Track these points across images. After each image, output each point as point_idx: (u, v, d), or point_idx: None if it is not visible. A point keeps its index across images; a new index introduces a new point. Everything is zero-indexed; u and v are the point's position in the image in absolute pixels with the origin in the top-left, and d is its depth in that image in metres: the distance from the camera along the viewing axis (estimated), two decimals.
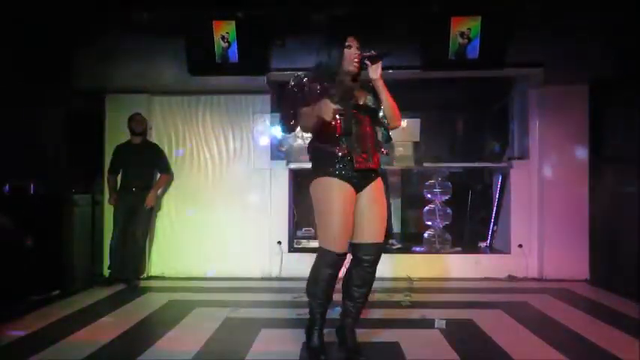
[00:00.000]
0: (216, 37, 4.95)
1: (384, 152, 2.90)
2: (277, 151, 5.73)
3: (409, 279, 5.07)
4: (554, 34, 5.01)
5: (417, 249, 5.74)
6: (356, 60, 2.72)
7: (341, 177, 2.69)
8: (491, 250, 5.85)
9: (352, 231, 2.75)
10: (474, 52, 4.90)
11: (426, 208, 5.86)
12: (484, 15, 4.82)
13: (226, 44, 4.99)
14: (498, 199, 5.88)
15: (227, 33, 4.95)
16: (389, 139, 2.92)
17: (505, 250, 5.57)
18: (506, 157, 5.87)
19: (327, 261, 2.70)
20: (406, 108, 6.32)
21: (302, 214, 5.97)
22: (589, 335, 3.33)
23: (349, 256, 2.81)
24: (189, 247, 5.51)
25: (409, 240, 6.17)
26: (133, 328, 3.58)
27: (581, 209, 5.22)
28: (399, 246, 5.88)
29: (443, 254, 5.56)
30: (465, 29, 4.87)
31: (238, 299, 4.41)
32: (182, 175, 5.57)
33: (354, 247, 2.80)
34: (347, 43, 2.73)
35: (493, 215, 5.91)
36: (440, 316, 3.66)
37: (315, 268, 2.77)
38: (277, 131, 5.64)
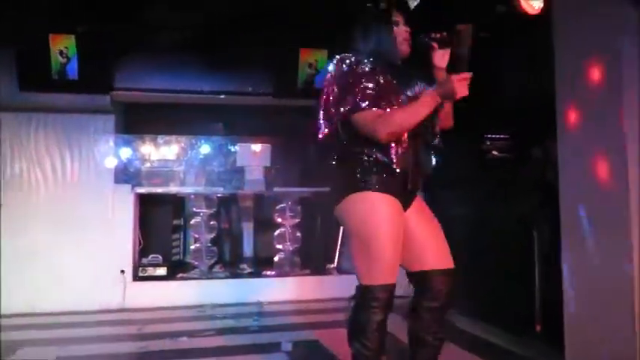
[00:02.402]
0: (53, 52, 4.61)
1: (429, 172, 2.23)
2: (122, 175, 5.43)
3: (259, 303, 5.08)
4: None
5: (268, 273, 5.78)
6: (407, 40, 2.16)
7: (388, 191, 2.05)
8: (339, 271, 6.09)
9: (407, 259, 2.16)
10: (321, 83, 5.14)
11: (277, 231, 5.94)
12: (329, 48, 5.12)
13: (65, 59, 4.67)
14: None
15: (66, 48, 4.64)
16: (441, 148, 2.22)
17: (351, 271, 5.81)
18: None
19: (378, 299, 2.04)
20: (258, 134, 6.50)
21: (149, 240, 5.69)
22: None
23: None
24: (16, 278, 4.92)
25: (260, 264, 6.19)
26: None
27: None
28: (250, 270, 5.87)
29: (292, 277, 5.66)
30: (313, 60, 5.13)
31: (73, 335, 4.05)
32: (9, 199, 5.00)
33: (419, 279, 2.19)
34: (394, 19, 2.17)
35: (340, 237, 6.18)
36: (287, 339, 3.71)
37: (359, 315, 2.10)
38: (124, 153, 5.36)
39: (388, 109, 2.01)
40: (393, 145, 2.03)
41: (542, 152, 4.07)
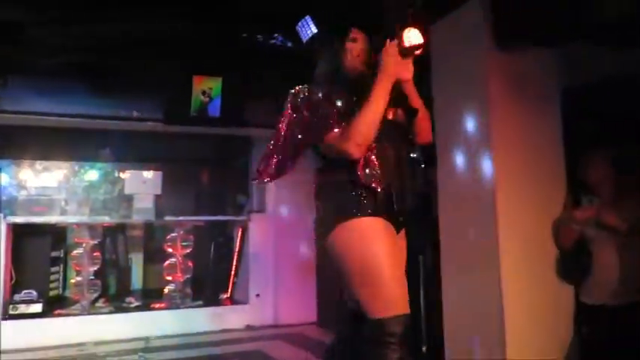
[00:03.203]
0: None
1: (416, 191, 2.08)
2: None
3: (147, 338, 4.84)
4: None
5: (157, 305, 5.53)
6: (360, 56, 2.07)
7: (378, 215, 1.93)
8: (232, 301, 5.99)
9: None
10: (214, 110, 5.12)
11: (167, 262, 5.73)
12: (225, 76, 5.11)
13: None
14: (238, 250, 6.11)
15: None
16: (420, 161, 2.09)
17: (244, 301, 5.76)
18: (247, 210, 6.18)
19: (393, 334, 1.80)
20: (148, 160, 6.28)
21: (23, 274, 5.22)
22: None
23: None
24: None
25: (150, 296, 5.92)
26: None
27: (309, 258, 5.73)
28: (137, 304, 5.58)
29: (184, 309, 5.47)
30: (207, 88, 5.09)
31: None
32: None
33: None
34: (352, 35, 2.09)
35: (234, 267, 6.10)
36: None
37: (374, 353, 1.84)
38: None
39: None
40: (365, 165, 1.92)
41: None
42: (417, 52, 1.97)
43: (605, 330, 2.74)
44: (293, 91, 2.04)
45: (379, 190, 1.92)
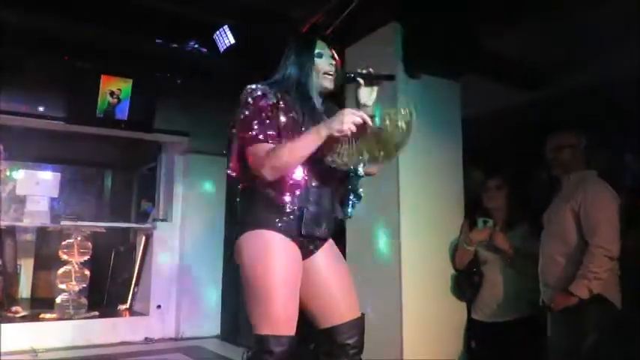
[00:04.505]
0: None
1: (341, 217, 2.00)
2: None
3: (33, 351, 4.50)
4: (200, 105, 5.37)
5: (47, 316, 5.17)
6: (330, 74, 1.97)
7: (286, 233, 1.86)
8: (131, 312, 5.74)
9: (312, 312, 1.95)
10: (122, 113, 4.93)
11: (62, 269, 5.38)
12: (136, 78, 4.94)
13: None
14: (141, 260, 5.87)
15: None
16: (359, 196, 1.98)
17: (145, 312, 5.54)
18: (152, 218, 5.97)
19: (272, 353, 1.76)
20: (46, 160, 5.90)
21: None
22: None
23: None
24: None
25: (39, 306, 5.53)
26: None
27: (213, 270, 5.63)
28: (24, 313, 5.18)
29: (77, 320, 5.15)
30: (116, 89, 4.89)
31: None
32: None
33: (327, 334, 1.94)
34: (317, 50, 1.97)
35: (135, 276, 5.86)
36: None
37: None
38: None
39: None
40: (287, 182, 1.86)
41: None
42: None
43: (491, 345, 2.96)
44: (247, 87, 1.92)
45: (288, 210, 1.86)
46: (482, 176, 3.18)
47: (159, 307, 5.45)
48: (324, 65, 1.96)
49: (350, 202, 1.95)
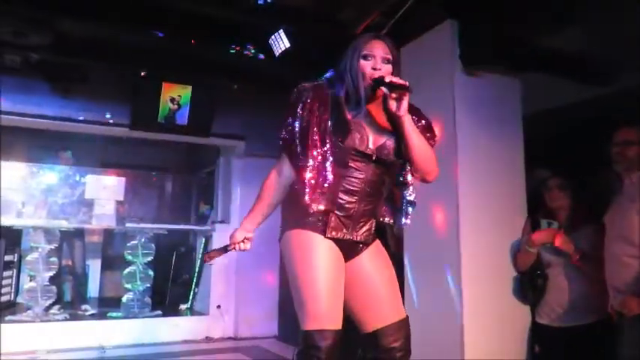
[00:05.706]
0: None
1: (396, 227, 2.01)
2: None
3: (101, 348, 4.71)
4: (256, 109, 5.47)
5: (114, 314, 5.40)
6: (371, 77, 1.85)
7: (323, 233, 1.87)
8: (192, 312, 5.90)
9: (356, 314, 1.95)
10: (182, 118, 5.09)
11: (127, 270, 5.61)
12: (194, 85, 5.09)
13: None
14: (201, 261, 6.03)
15: None
16: (412, 203, 1.95)
17: (205, 312, 5.68)
18: (211, 220, 6.12)
19: (319, 348, 1.75)
20: (111, 165, 6.17)
21: None
22: None
23: None
24: None
25: (106, 305, 5.78)
26: None
27: (271, 271, 5.71)
28: (93, 312, 5.44)
29: (142, 318, 5.35)
30: (176, 95, 5.05)
31: None
32: None
33: (372, 338, 1.91)
34: (364, 52, 1.87)
35: (195, 277, 6.02)
36: None
37: None
38: None
39: (290, 161, 1.92)
40: (317, 187, 1.83)
41: None
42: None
43: (557, 350, 2.84)
44: (301, 85, 1.93)
45: (311, 211, 1.84)
46: (545, 175, 3.06)
47: (218, 307, 5.57)
48: (368, 68, 1.86)
49: (403, 210, 1.95)
